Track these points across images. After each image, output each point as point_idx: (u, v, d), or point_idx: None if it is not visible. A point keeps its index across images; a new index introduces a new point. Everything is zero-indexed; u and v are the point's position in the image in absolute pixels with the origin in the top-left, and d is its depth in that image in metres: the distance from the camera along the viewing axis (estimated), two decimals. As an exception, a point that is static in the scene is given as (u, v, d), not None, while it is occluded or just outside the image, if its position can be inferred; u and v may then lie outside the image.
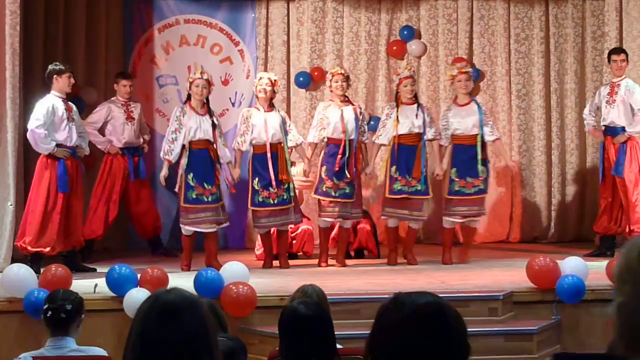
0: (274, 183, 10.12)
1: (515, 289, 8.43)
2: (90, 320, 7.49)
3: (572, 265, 8.42)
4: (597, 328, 8.21)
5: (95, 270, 9.87)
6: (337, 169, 10.27)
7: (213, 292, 7.89)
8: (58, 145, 9.64)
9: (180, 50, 12.62)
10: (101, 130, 11.21)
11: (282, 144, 10.23)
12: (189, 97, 10.11)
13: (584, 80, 12.48)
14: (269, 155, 10.14)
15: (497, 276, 9.27)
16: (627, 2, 12.07)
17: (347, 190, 10.33)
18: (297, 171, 10.96)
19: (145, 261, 10.06)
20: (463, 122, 10.36)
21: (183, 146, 10.03)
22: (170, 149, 10.04)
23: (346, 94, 10.59)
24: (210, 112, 10.12)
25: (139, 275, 8.20)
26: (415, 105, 10.39)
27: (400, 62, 12.70)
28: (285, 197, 10.23)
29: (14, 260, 9.55)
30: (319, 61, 12.64)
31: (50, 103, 9.65)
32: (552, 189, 12.42)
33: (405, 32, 12.66)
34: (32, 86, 10.83)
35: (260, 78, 10.45)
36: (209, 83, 10.08)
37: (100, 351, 5.43)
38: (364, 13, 12.71)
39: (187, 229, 10.08)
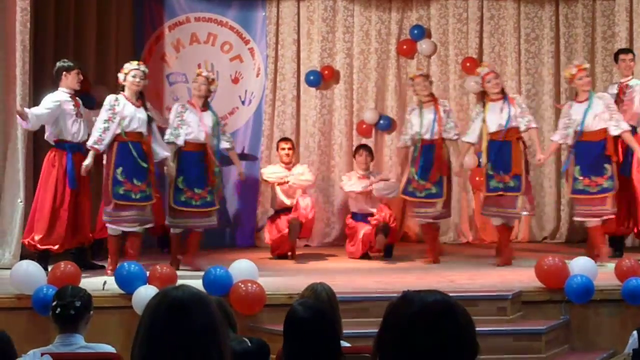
0: (203, 183, 9.89)
1: (524, 288, 8.42)
2: (99, 317, 7.51)
3: (581, 265, 8.42)
4: (606, 328, 8.21)
5: (104, 267, 9.87)
6: (416, 169, 10.22)
7: (222, 290, 7.90)
8: (66, 142, 9.62)
9: (191, 48, 12.64)
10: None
11: (213, 146, 10.01)
12: (122, 88, 9.66)
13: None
14: (206, 154, 9.92)
15: (506, 276, 9.26)
16: (637, 3, 12.03)
17: (434, 190, 10.21)
18: (298, 171, 11.17)
19: (154, 259, 10.07)
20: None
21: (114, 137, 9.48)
22: (101, 138, 9.40)
23: (425, 92, 10.49)
24: (145, 106, 9.67)
25: (147, 273, 8.22)
26: (502, 100, 10.15)
27: (409, 61, 12.70)
28: (208, 199, 9.94)
29: (22, 257, 9.57)
30: (329, 60, 12.65)
31: (57, 98, 9.64)
32: (561, 189, 12.40)
33: (416, 31, 12.65)
34: (42, 83, 10.84)
35: (198, 75, 10.18)
36: (145, 75, 9.69)
37: (109, 348, 5.44)
38: (375, 12, 12.71)
39: (112, 228, 9.62)
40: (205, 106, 10.11)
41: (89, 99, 11.21)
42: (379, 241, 10.67)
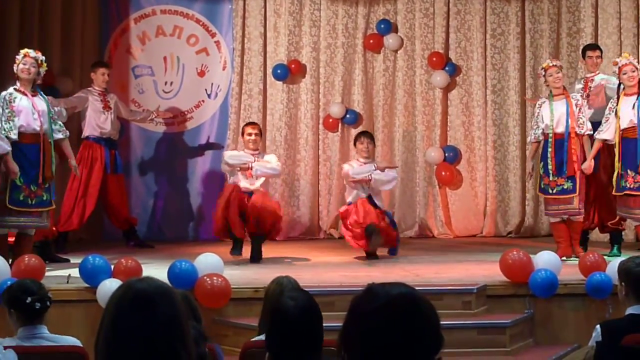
0: (40, 179, 9.05)
1: (489, 282, 8.45)
2: (63, 310, 7.50)
3: (545, 259, 8.45)
4: (570, 322, 8.25)
5: (68, 260, 9.81)
6: (551, 166, 9.81)
7: (187, 284, 7.87)
8: (21, 134, 9.35)
9: (157, 41, 12.59)
10: (77, 119, 11.13)
11: (48, 135, 9.17)
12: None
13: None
14: (39, 147, 9.08)
15: (470, 270, 9.29)
16: (603, -1, 12.13)
17: (566, 186, 9.83)
18: (269, 158, 10.46)
19: (120, 252, 10.02)
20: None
21: None
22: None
23: (557, 84, 9.98)
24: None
25: (112, 266, 8.18)
26: (636, 95, 9.70)
27: (376, 55, 12.71)
28: (45, 197, 9.16)
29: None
30: (296, 54, 12.64)
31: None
32: (526, 183, 12.46)
33: (382, 26, 12.67)
34: (7, 75, 10.75)
35: (25, 56, 9.16)
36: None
37: (74, 341, 5.42)
38: (342, 6, 12.71)
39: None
40: (35, 90, 9.24)
41: (53, 92, 11.16)
42: (374, 243, 10.09)
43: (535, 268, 8.30)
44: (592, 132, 9.92)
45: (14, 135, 8.95)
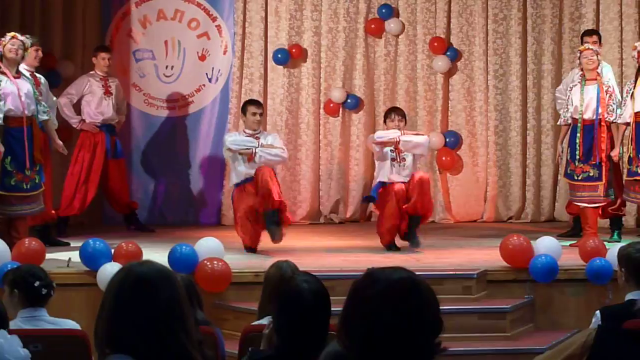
0: (28, 164, 8.97)
1: (489, 267, 8.47)
2: (63, 294, 7.48)
3: (545, 245, 8.46)
4: (570, 307, 8.27)
5: (69, 244, 9.82)
6: (578, 152, 9.67)
7: (188, 268, 7.88)
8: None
9: (158, 25, 12.56)
10: (77, 104, 11.11)
11: (35, 117, 9.16)
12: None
13: (560, 61, 12.49)
14: (25, 129, 9.02)
15: (471, 255, 9.30)
16: (605, -16, 12.10)
17: (592, 173, 9.68)
18: (272, 140, 9.85)
19: (120, 236, 10.02)
20: None
21: None
22: None
23: (591, 66, 9.80)
24: None
25: (113, 250, 8.19)
26: None
27: (377, 40, 12.68)
28: (37, 180, 9.12)
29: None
30: (297, 38, 12.61)
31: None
32: (527, 169, 12.45)
33: (384, 10, 12.63)
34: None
35: (13, 37, 9.08)
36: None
37: (74, 324, 5.44)
38: (343, -10, 12.67)
39: None
40: (18, 72, 9.18)
41: (54, 75, 11.16)
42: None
43: (535, 253, 8.31)
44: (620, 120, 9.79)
45: None
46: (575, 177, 9.81)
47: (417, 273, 2.54)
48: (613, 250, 7.81)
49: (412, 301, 2.44)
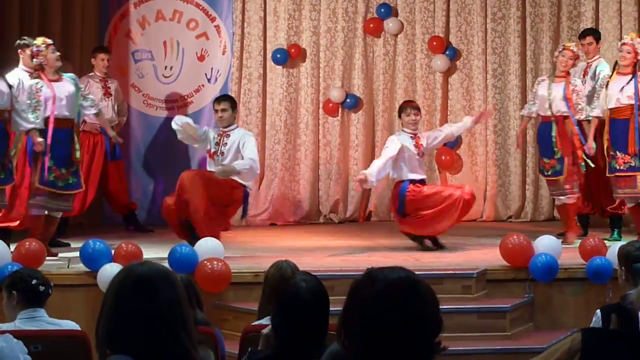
0: (65, 163, 9.11)
1: (489, 267, 8.47)
2: (63, 295, 7.51)
3: (545, 244, 8.46)
4: (570, 306, 8.28)
5: (69, 245, 9.83)
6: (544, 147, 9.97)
7: (187, 268, 7.89)
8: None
9: (156, 25, 12.56)
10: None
11: (75, 119, 9.30)
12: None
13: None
14: (64, 130, 9.16)
15: (470, 254, 9.31)
16: (603, -17, 12.10)
17: (558, 168, 9.86)
18: (244, 141, 9.57)
19: (120, 237, 10.02)
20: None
21: None
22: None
23: (563, 67, 9.99)
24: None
25: (113, 251, 8.20)
26: (630, 76, 9.63)
27: (376, 40, 12.69)
28: (71, 181, 9.18)
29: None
30: (296, 38, 12.61)
31: (15, 76, 9.40)
32: (527, 168, 12.46)
33: (382, 10, 12.63)
34: (7, 60, 10.74)
35: (50, 45, 9.19)
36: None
37: (73, 325, 5.45)
38: (341, -10, 12.68)
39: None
40: (58, 74, 9.27)
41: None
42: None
43: (535, 252, 8.31)
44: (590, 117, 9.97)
45: (38, 125, 8.95)
46: (545, 173, 10.03)
47: (416, 272, 2.55)
48: (613, 248, 7.82)
49: (412, 301, 2.45)
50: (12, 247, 8.40)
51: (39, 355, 4.90)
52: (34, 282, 5.39)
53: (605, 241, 8.79)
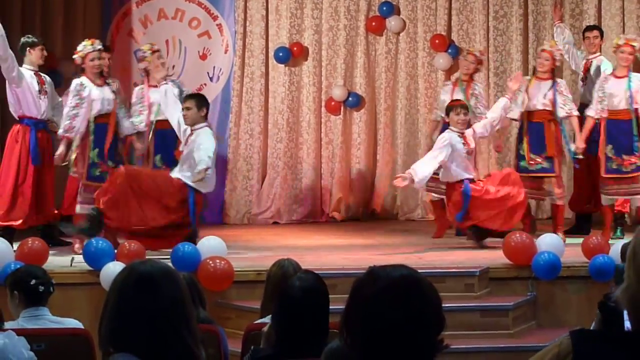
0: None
1: (491, 265, 8.47)
2: (66, 293, 7.52)
3: (548, 242, 8.47)
4: (573, 304, 8.27)
5: (71, 244, 9.82)
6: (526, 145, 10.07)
7: (190, 267, 7.88)
8: (29, 118, 9.53)
9: (159, 24, 12.57)
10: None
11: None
12: (82, 70, 9.67)
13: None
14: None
15: (473, 252, 9.31)
16: (605, -20, 12.09)
17: (545, 165, 10.00)
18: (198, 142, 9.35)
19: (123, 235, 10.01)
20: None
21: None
22: (71, 126, 9.39)
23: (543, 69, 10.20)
24: (107, 82, 9.70)
25: (116, 250, 8.20)
26: (625, 78, 9.84)
27: (378, 38, 12.68)
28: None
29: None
30: (298, 36, 12.61)
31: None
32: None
33: (385, 8, 12.63)
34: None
35: (101, 51, 9.76)
36: (101, 52, 9.67)
37: (77, 323, 5.45)
38: (343, -12, 12.67)
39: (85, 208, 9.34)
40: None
41: (56, 75, 11.15)
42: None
43: (538, 250, 8.31)
44: (577, 114, 10.10)
45: (141, 127, 9.83)
46: (530, 169, 10.11)
47: (419, 271, 2.55)
48: (616, 246, 7.82)
49: (414, 299, 2.44)
50: (15, 245, 8.43)
51: (42, 354, 4.90)
52: (32, 282, 5.39)
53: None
